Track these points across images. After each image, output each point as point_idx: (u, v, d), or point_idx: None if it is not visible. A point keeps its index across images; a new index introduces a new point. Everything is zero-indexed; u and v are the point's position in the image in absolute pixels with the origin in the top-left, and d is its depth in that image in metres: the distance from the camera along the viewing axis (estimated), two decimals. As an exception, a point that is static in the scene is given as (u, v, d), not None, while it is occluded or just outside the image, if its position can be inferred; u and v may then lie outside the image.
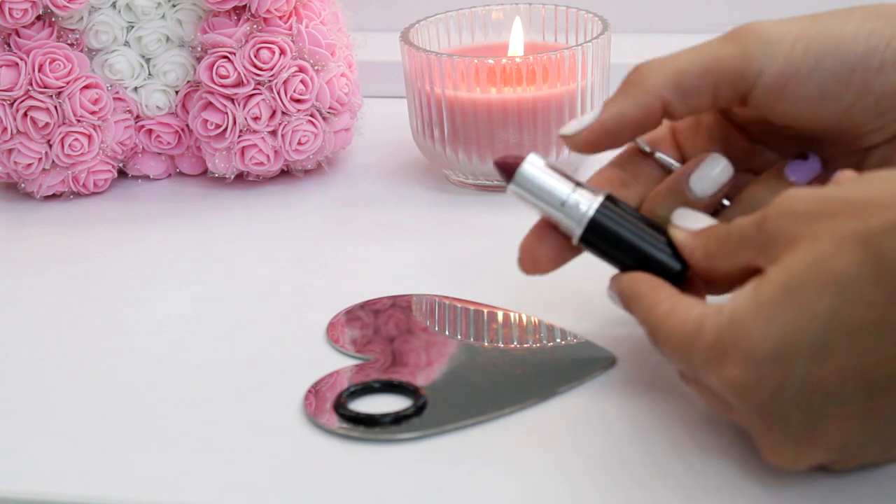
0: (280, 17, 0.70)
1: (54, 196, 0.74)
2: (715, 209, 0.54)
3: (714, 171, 0.53)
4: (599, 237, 0.51)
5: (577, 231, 0.51)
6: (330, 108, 0.72)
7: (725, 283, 0.49)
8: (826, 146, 0.53)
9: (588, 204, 0.51)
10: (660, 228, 0.51)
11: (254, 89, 0.70)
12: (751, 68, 0.51)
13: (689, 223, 0.51)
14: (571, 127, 0.53)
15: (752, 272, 0.46)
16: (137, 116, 0.74)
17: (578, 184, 0.51)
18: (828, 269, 0.42)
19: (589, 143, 0.53)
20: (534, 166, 0.51)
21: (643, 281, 0.50)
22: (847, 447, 0.44)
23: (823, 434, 0.43)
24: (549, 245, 0.53)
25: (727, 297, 0.46)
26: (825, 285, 0.42)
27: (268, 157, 0.71)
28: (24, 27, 0.70)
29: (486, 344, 0.56)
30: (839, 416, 0.43)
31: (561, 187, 0.51)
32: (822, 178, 0.53)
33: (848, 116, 0.51)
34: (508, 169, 0.52)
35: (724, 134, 0.55)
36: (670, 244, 0.51)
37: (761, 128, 0.54)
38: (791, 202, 0.45)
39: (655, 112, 0.52)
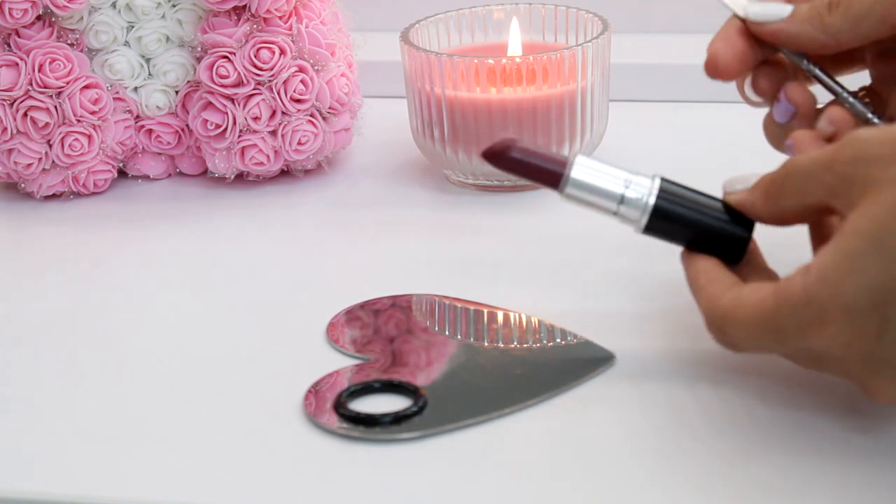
0: (280, 17, 0.70)
1: (54, 196, 0.74)
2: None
3: None
4: (663, 222, 0.51)
5: (642, 220, 0.51)
6: (330, 108, 0.72)
7: (796, 222, 0.49)
8: None
9: (646, 191, 0.51)
10: (718, 200, 0.51)
11: (254, 89, 0.70)
12: None
13: (739, 185, 0.51)
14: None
15: (824, 211, 0.47)
16: (137, 116, 0.74)
17: (628, 171, 0.51)
18: None
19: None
20: (583, 167, 0.51)
21: (702, 272, 0.50)
22: None
23: None
24: (736, 48, 0.54)
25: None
26: None
27: (268, 157, 0.71)
28: (24, 27, 0.70)
29: (486, 344, 0.56)
30: None
31: (615, 181, 0.51)
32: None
33: None
34: (497, 157, 0.51)
35: None
36: (731, 213, 0.51)
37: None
38: (864, 145, 0.45)
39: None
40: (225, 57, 0.70)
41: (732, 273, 0.50)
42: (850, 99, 0.54)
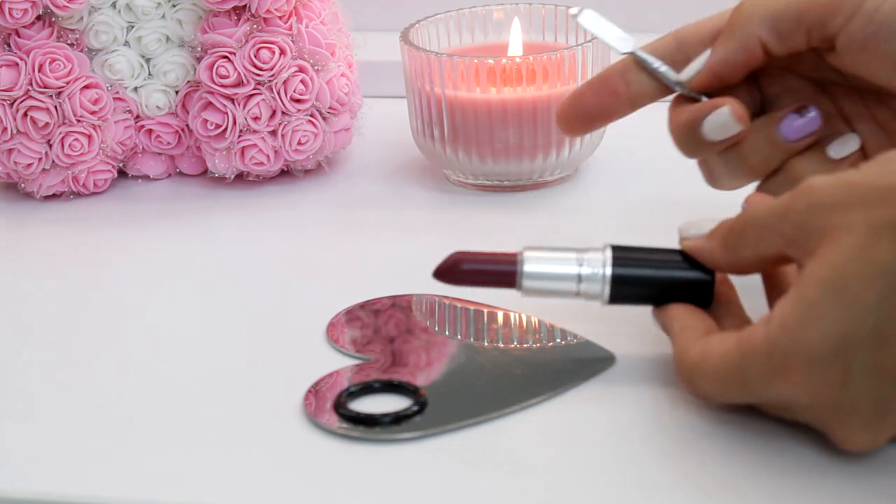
0: (280, 17, 0.70)
1: (54, 196, 0.74)
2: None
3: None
4: (625, 287, 0.51)
5: (605, 292, 0.51)
6: (330, 108, 0.72)
7: (754, 271, 0.50)
8: None
9: (600, 264, 0.51)
10: (674, 250, 0.52)
11: (254, 89, 0.70)
12: (836, 19, 0.52)
13: (694, 231, 0.51)
14: (686, 73, 0.56)
15: (782, 260, 0.47)
16: (137, 116, 0.74)
17: (577, 251, 0.52)
18: (870, 260, 0.43)
19: (703, 86, 0.55)
20: (533, 259, 0.51)
21: (675, 319, 0.50)
22: None
23: (894, 413, 0.44)
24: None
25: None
26: (870, 276, 0.43)
27: (268, 157, 0.71)
28: (24, 27, 0.70)
29: (486, 344, 0.56)
30: None
31: (568, 263, 0.51)
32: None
33: None
34: (448, 274, 0.52)
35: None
36: (689, 259, 0.51)
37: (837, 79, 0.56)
38: (818, 193, 0.45)
39: (756, 52, 0.54)
40: (225, 57, 0.70)
41: (706, 315, 0.50)
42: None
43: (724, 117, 0.54)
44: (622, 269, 0.51)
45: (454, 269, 0.52)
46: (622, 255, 0.51)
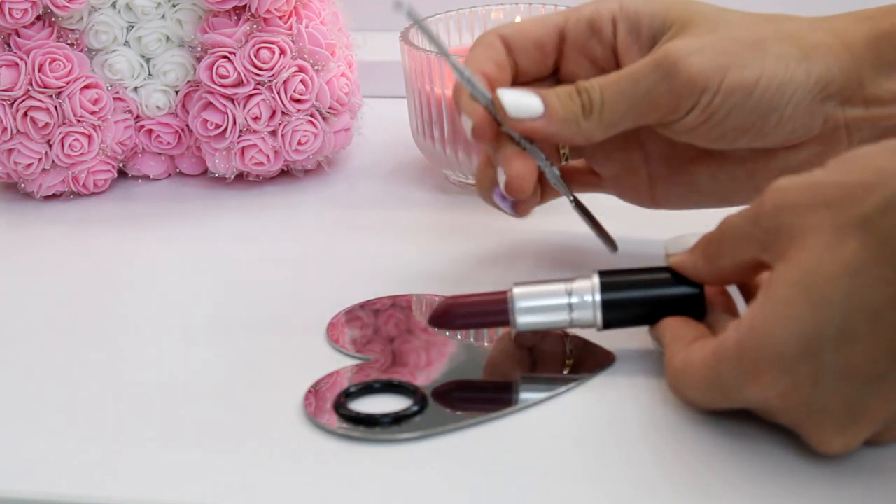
0: (280, 17, 0.70)
1: (54, 196, 0.74)
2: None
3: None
4: (617, 311, 0.51)
5: (597, 318, 0.52)
6: (330, 108, 0.72)
7: (737, 281, 0.50)
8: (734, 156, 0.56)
9: (589, 291, 0.51)
10: (660, 269, 0.52)
11: (254, 89, 0.70)
12: (678, 112, 0.54)
13: (679, 247, 0.52)
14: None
15: (760, 267, 0.47)
16: (137, 116, 0.74)
17: (566, 281, 0.52)
18: (836, 258, 0.43)
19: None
20: (523, 296, 0.52)
21: (667, 329, 0.51)
22: (889, 420, 0.44)
23: (867, 414, 0.44)
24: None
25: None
26: (837, 274, 0.43)
27: (268, 157, 0.71)
28: (24, 27, 0.70)
29: (486, 344, 0.56)
30: (879, 395, 0.43)
31: (558, 295, 0.52)
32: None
33: (754, 142, 0.54)
34: (443, 322, 0.53)
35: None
36: (676, 275, 0.51)
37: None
38: (783, 195, 0.46)
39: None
40: (225, 57, 0.70)
41: (698, 325, 0.50)
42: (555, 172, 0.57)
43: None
44: (611, 294, 0.51)
45: (448, 317, 0.53)
46: (609, 279, 0.52)
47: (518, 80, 0.58)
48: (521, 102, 0.54)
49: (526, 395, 0.52)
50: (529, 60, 0.58)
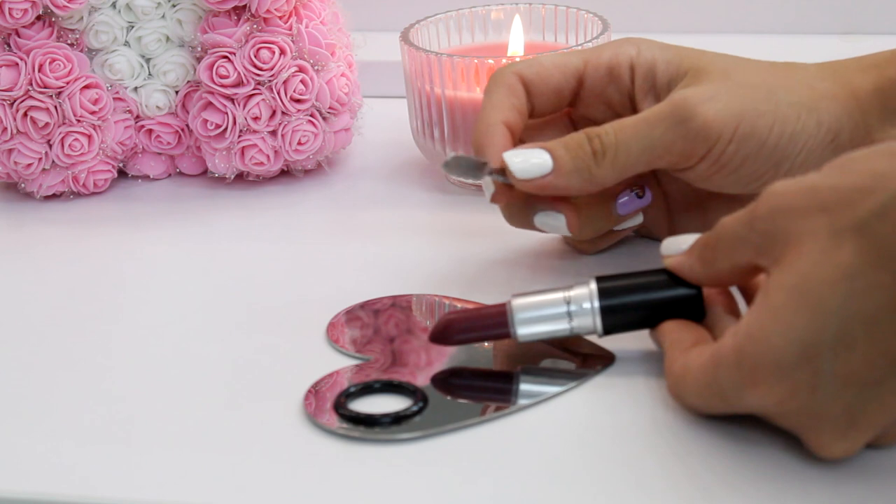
0: (280, 17, 0.70)
1: (54, 196, 0.74)
2: None
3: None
4: (616, 316, 0.51)
5: (597, 324, 0.51)
6: (330, 108, 0.72)
7: (734, 283, 0.50)
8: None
9: (587, 298, 0.51)
10: (658, 271, 0.52)
11: (254, 89, 0.70)
12: (691, 159, 0.54)
13: (675, 248, 0.51)
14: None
15: (755, 270, 0.47)
16: (137, 116, 0.74)
17: (563, 289, 0.52)
18: (832, 263, 0.43)
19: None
20: (522, 307, 0.52)
21: (667, 333, 0.51)
22: (889, 423, 0.44)
23: (866, 419, 0.44)
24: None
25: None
26: (834, 280, 0.43)
27: (268, 157, 0.71)
28: (24, 27, 0.70)
29: (486, 344, 0.56)
30: (877, 400, 0.43)
31: (556, 304, 0.52)
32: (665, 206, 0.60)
33: (760, 186, 0.54)
34: (443, 338, 0.53)
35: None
36: (674, 277, 0.51)
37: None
38: (779, 199, 0.45)
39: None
40: (225, 57, 0.70)
41: (698, 328, 0.50)
42: None
43: (558, 221, 0.57)
44: (609, 300, 0.51)
45: (446, 334, 0.53)
46: (607, 285, 0.51)
47: (532, 117, 0.60)
48: (530, 163, 0.55)
49: (526, 396, 0.51)
50: (547, 103, 0.59)
